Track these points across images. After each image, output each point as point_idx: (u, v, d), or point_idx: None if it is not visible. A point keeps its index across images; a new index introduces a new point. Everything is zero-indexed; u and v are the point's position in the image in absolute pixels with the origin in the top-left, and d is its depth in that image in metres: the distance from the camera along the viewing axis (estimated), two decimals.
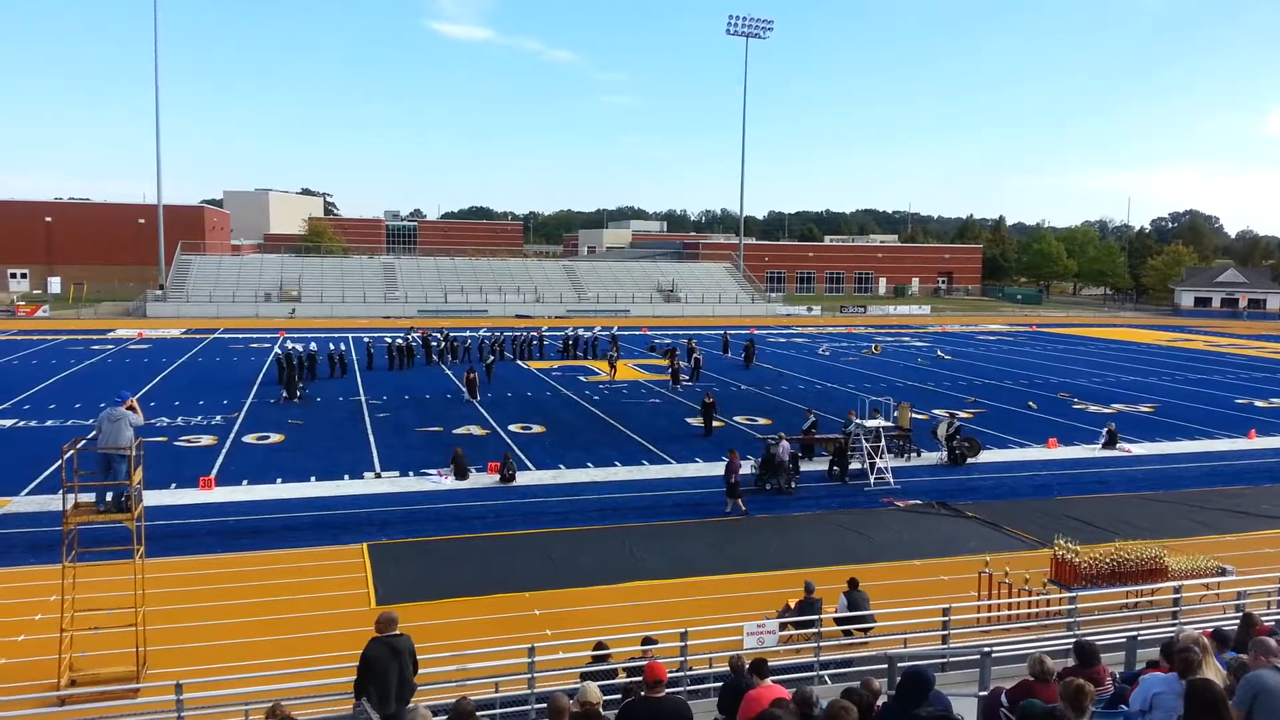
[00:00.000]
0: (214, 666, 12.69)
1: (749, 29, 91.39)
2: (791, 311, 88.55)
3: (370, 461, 25.32)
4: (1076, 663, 8.27)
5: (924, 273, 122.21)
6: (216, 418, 31.18)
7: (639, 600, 15.92)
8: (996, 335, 69.39)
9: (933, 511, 21.77)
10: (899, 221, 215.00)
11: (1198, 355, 57.87)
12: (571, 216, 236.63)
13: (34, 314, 69.35)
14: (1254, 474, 26.02)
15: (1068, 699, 5.92)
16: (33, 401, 33.59)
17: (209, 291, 75.82)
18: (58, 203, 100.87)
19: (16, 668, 12.90)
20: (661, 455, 26.82)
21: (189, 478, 22.84)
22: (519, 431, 29.92)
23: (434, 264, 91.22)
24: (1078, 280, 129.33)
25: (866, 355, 54.20)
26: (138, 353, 49.26)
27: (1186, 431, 31.95)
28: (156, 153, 77.89)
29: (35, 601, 14.95)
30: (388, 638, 8.90)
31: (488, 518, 20.54)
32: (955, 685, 10.68)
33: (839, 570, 16.43)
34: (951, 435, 26.59)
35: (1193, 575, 15.51)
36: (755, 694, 7.42)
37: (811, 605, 13.48)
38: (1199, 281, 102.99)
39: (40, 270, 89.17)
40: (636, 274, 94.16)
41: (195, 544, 18.35)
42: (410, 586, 16.28)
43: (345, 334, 50.87)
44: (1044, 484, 24.54)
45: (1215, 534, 20.13)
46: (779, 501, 22.29)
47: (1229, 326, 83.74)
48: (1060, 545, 16.00)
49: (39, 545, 17.62)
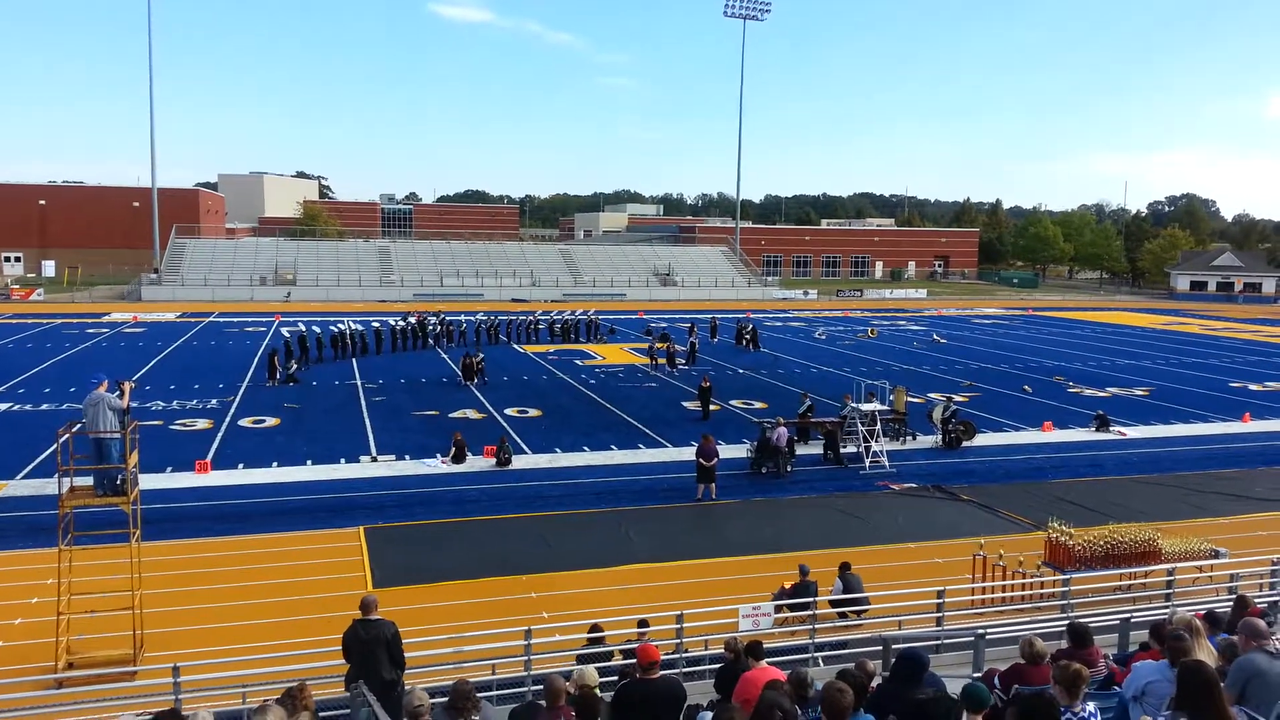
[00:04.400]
0: (211, 649, 12.73)
1: (746, 11, 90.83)
2: (788, 295, 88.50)
3: (366, 445, 25.32)
4: (1070, 644, 8.33)
5: (920, 256, 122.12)
6: (212, 401, 31.15)
7: (635, 583, 15.98)
8: (992, 319, 69.42)
9: (928, 495, 21.85)
10: (895, 205, 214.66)
11: (1193, 339, 57.96)
12: (568, 200, 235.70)
13: (28, 297, 69.12)
14: (1248, 457, 26.11)
15: (1063, 683, 5.94)
16: (27, 385, 33.52)
17: (204, 275, 75.53)
18: (52, 186, 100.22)
19: (14, 651, 12.94)
20: (658, 439, 26.85)
21: (185, 461, 22.85)
22: (515, 415, 29.93)
23: (430, 248, 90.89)
24: (1074, 264, 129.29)
25: (863, 339, 54.22)
26: (133, 336, 49.14)
27: (1181, 415, 32.04)
28: (151, 136, 77.46)
29: (32, 585, 14.98)
30: (359, 623, 8.95)
31: (484, 501, 20.58)
32: (950, 667, 10.75)
33: (834, 554, 16.49)
34: (947, 419, 26.64)
35: (1186, 558, 15.60)
36: (751, 676, 7.45)
37: (806, 588, 13.54)
38: (1195, 265, 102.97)
39: (34, 254, 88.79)
40: (633, 258, 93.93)
41: (191, 527, 18.37)
42: (406, 570, 16.33)
43: (341, 318, 50.74)
44: (1038, 467, 24.62)
45: (1209, 517, 20.22)
46: (774, 485, 22.35)
47: (1224, 310, 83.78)
48: (1054, 528, 16.08)
49: (35, 529, 17.62)
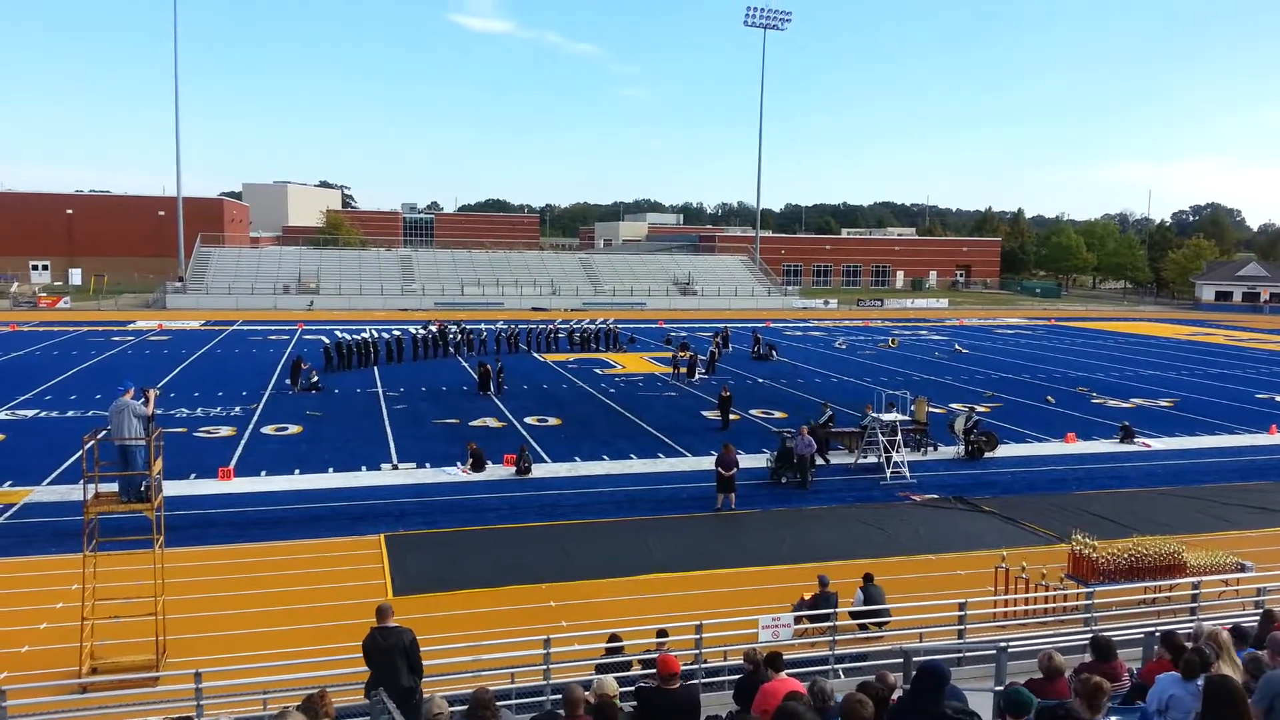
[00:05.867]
0: (232, 656, 12.79)
1: (767, 20, 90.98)
2: (808, 305, 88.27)
3: (388, 453, 25.45)
4: (1093, 658, 8.24)
5: (941, 266, 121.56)
6: (235, 409, 31.41)
7: (654, 593, 15.95)
8: (1014, 329, 68.92)
9: (949, 506, 21.69)
10: (916, 214, 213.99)
11: (1218, 350, 57.29)
12: (588, 209, 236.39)
13: (55, 305, 70.06)
14: (1275, 470, 25.77)
15: (1084, 696, 5.89)
16: (54, 392, 33.93)
17: (228, 283, 76.28)
18: (79, 195, 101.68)
19: (38, 655, 13.07)
20: (677, 448, 26.82)
21: (208, 468, 23.03)
22: (535, 424, 29.99)
23: (451, 257, 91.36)
24: (1097, 274, 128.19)
25: (883, 349, 53.97)
26: (157, 344, 49.65)
27: (1206, 426, 31.66)
28: (176, 145, 78.34)
29: (57, 590, 15.13)
30: (377, 630, 8.98)
31: (503, 510, 20.62)
32: (971, 680, 10.65)
33: (854, 564, 16.41)
34: (969, 429, 26.45)
35: (1211, 571, 15.39)
36: (770, 687, 7.43)
37: (826, 599, 13.47)
38: (1220, 275, 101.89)
39: (61, 262, 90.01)
40: (653, 267, 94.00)
41: (214, 534, 18.52)
42: (427, 577, 16.39)
43: (363, 326, 51.13)
44: (1061, 479, 24.40)
45: (1235, 530, 19.96)
46: (794, 495, 22.26)
47: (1250, 321, 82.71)
48: (1078, 540, 15.90)
49: (61, 534, 17.83)
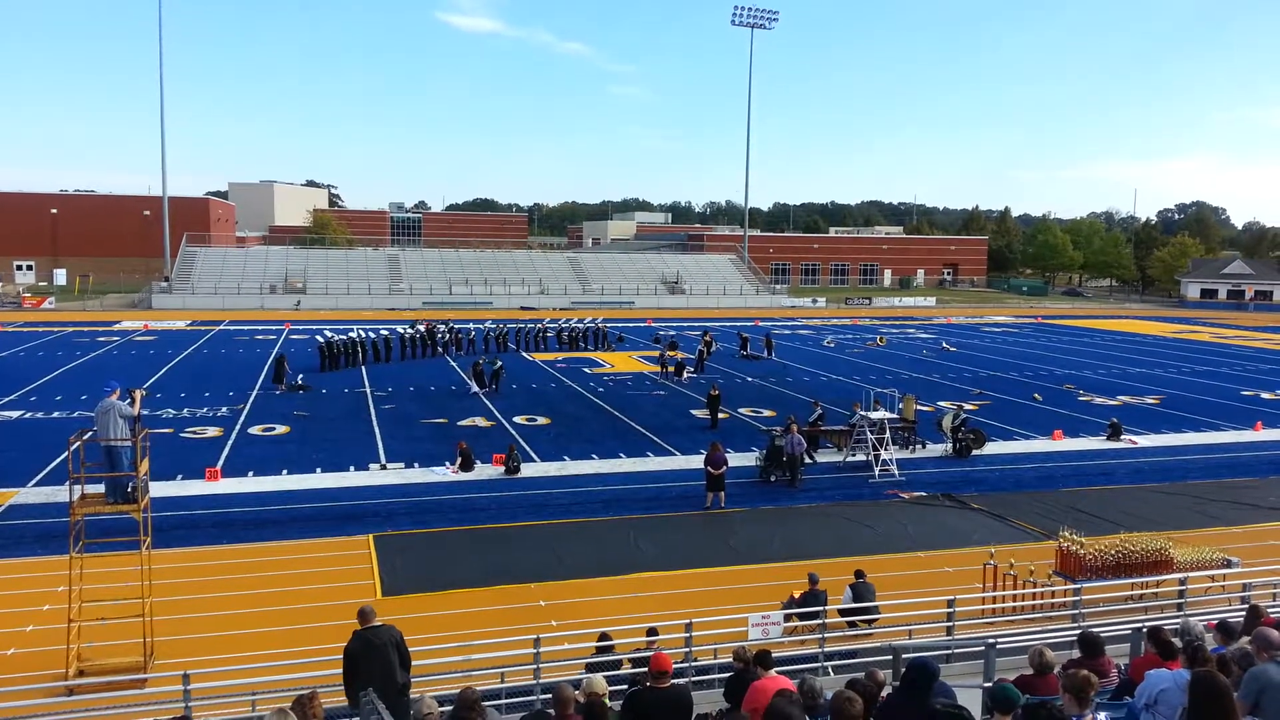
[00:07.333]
0: (221, 657, 12.72)
1: (754, 19, 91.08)
2: (796, 303, 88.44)
3: (375, 453, 25.38)
4: (1081, 654, 8.28)
5: (929, 264, 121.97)
6: (222, 409, 31.25)
7: (643, 591, 15.96)
8: (1002, 327, 69.23)
9: (937, 503, 21.77)
10: (904, 213, 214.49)
11: (1204, 347, 57.69)
12: (576, 208, 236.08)
13: (40, 305, 69.60)
14: (1260, 466, 25.98)
15: (1072, 690, 5.91)
16: (39, 393, 33.70)
17: (214, 283, 75.93)
18: (63, 195, 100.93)
19: (25, 658, 12.98)
20: (666, 447, 26.83)
21: (195, 469, 22.91)
22: (524, 423, 29.95)
23: (439, 256, 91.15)
24: (1083, 272, 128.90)
25: (871, 347, 54.13)
26: (143, 344, 49.37)
27: (1192, 423, 31.88)
28: (161, 145, 77.80)
29: (43, 592, 15.04)
30: (365, 631, 8.92)
31: (492, 509, 20.58)
32: (960, 677, 10.68)
33: (843, 562, 16.46)
34: (957, 427, 26.56)
35: (1198, 567, 15.48)
36: (760, 685, 7.43)
37: (816, 597, 13.49)
38: (1205, 273, 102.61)
39: (46, 262, 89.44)
40: (641, 266, 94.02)
41: (202, 535, 18.43)
42: (415, 577, 16.35)
43: (351, 326, 50.94)
44: (1049, 476, 24.52)
45: (1221, 526, 20.10)
46: (783, 493, 22.30)
47: (1235, 318, 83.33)
48: (1065, 537, 15.97)
49: (47, 536, 17.70)
